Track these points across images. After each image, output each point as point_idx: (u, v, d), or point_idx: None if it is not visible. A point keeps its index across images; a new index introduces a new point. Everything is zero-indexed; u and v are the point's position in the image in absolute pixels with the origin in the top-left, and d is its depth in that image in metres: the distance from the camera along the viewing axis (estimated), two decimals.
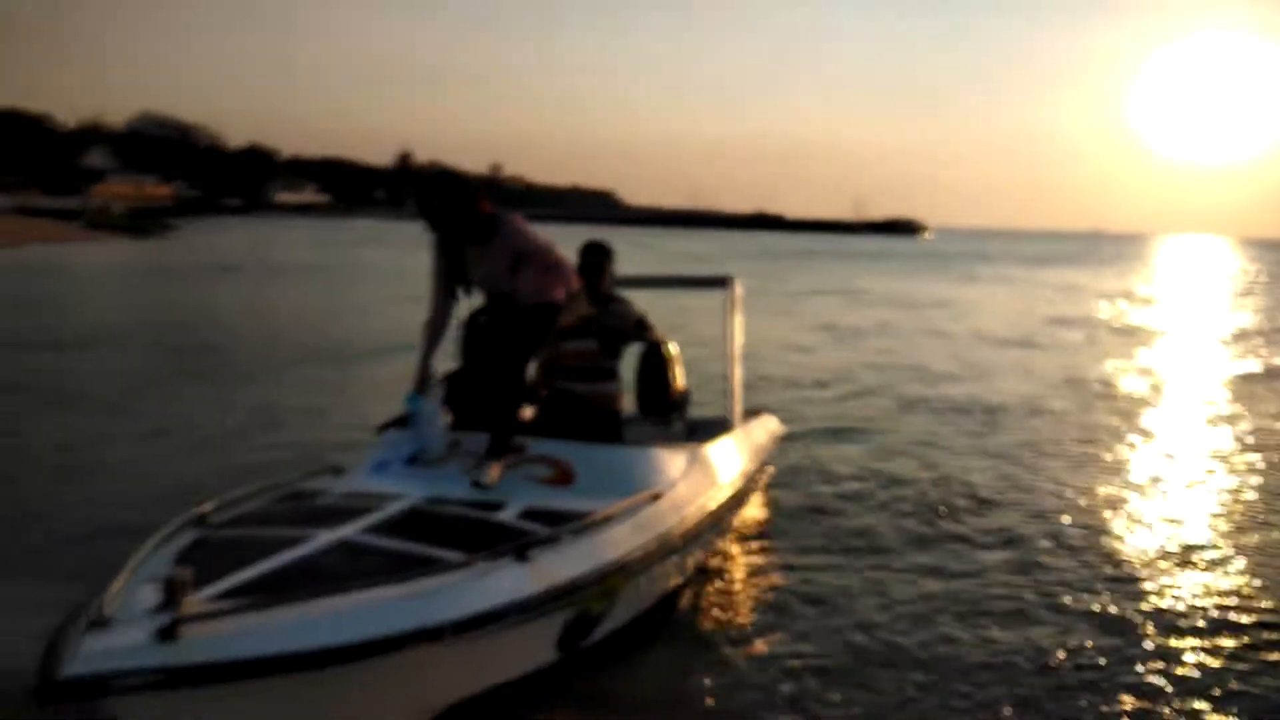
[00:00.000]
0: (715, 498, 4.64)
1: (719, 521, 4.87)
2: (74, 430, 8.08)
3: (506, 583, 3.05)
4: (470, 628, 2.84)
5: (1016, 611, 4.56)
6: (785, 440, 7.20)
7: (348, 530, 3.29)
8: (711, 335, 6.06)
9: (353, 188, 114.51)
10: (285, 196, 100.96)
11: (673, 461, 4.52)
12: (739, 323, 6.12)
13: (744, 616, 4.51)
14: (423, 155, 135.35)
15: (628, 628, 3.99)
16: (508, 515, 3.65)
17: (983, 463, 7.63)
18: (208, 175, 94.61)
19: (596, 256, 5.08)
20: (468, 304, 4.56)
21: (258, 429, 8.33)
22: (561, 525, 3.55)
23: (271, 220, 73.75)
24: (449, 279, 4.49)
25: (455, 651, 2.93)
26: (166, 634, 2.34)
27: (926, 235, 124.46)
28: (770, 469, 6.67)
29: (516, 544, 3.25)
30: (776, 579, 4.99)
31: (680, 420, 5.94)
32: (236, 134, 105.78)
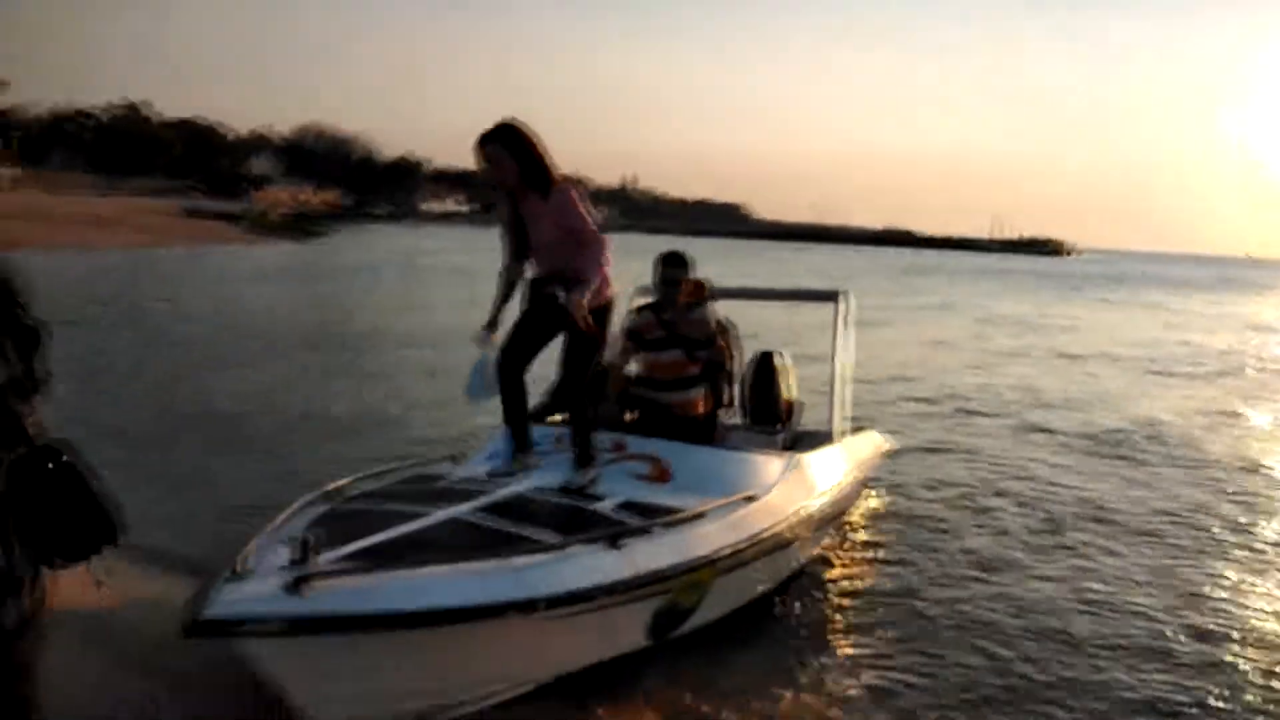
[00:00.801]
0: (811, 505, 4.74)
1: (816, 529, 4.95)
2: (230, 412, 8.93)
3: (598, 566, 3.26)
4: (561, 604, 3.07)
5: (1105, 644, 4.46)
6: (893, 456, 7.18)
7: (458, 510, 3.59)
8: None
9: (497, 199, 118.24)
10: (431, 205, 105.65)
11: (769, 467, 4.64)
12: (849, 337, 6.16)
13: (835, 624, 4.60)
14: (562, 168, 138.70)
15: (720, 623, 4.15)
16: (605, 506, 3.87)
17: (1094, 490, 7.38)
18: (361, 184, 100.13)
19: (674, 268, 5.08)
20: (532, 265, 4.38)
21: (393, 417, 8.96)
22: (655, 519, 3.74)
23: (417, 227, 77.31)
24: (517, 233, 4.33)
25: (549, 626, 3.16)
26: (293, 588, 2.66)
27: (1068, 255, 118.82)
28: (875, 483, 6.69)
29: (610, 532, 3.47)
30: (873, 591, 5.03)
31: (788, 430, 6.05)
32: (390, 146, 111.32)
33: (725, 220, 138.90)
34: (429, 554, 3.06)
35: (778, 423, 6.16)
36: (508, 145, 4.03)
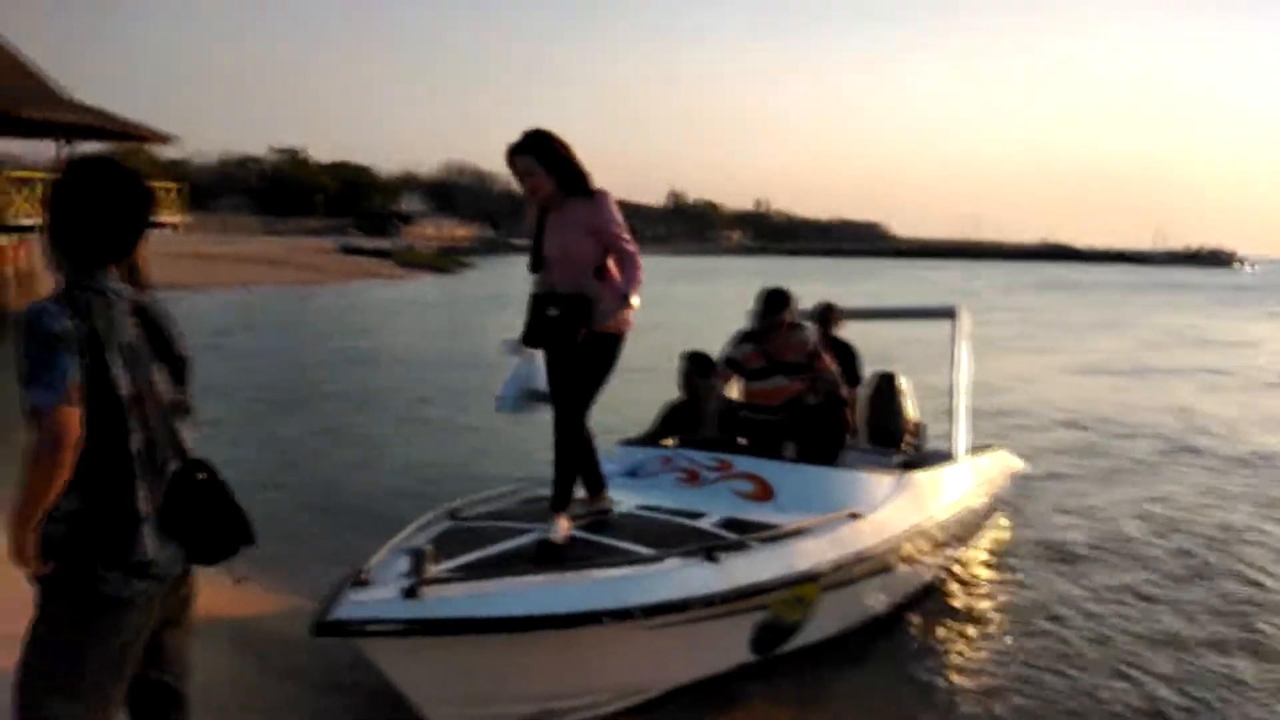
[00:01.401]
0: (926, 524, 4.67)
1: (935, 549, 4.87)
2: (376, 429, 9.69)
3: (694, 578, 3.35)
4: (656, 613, 3.17)
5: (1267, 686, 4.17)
6: (1028, 478, 6.94)
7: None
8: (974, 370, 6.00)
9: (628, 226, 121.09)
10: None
11: (877, 485, 4.61)
12: (966, 353, 6.03)
13: (955, 649, 4.48)
14: (692, 194, 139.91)
15: (831, 643, 4.15)
16: (706, 523, 3.96)
17: (1239, 517, 6.86)
18: (503, 217, 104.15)
19: (775, 311, 5.03)
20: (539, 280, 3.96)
21: (518, 438, 9.33)
22: (754, 534, 3.81)
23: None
24: (539, 243, 3.94)
25: (648, 636, 3.27)
26: (409, 593, 2.88)
27: (1241, 267, 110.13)
28: (1007, 505, 6.48)
29: (706, 545, 3.56)
30: (997, 617, 4.87)
31: (909, 450, 5.98)
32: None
33: (863, 239, 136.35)
34: (533, 566, 3.24)
35: (899, 443, 6.09)
36: (541, 155, 3.70)
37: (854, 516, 4.22)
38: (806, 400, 5.12)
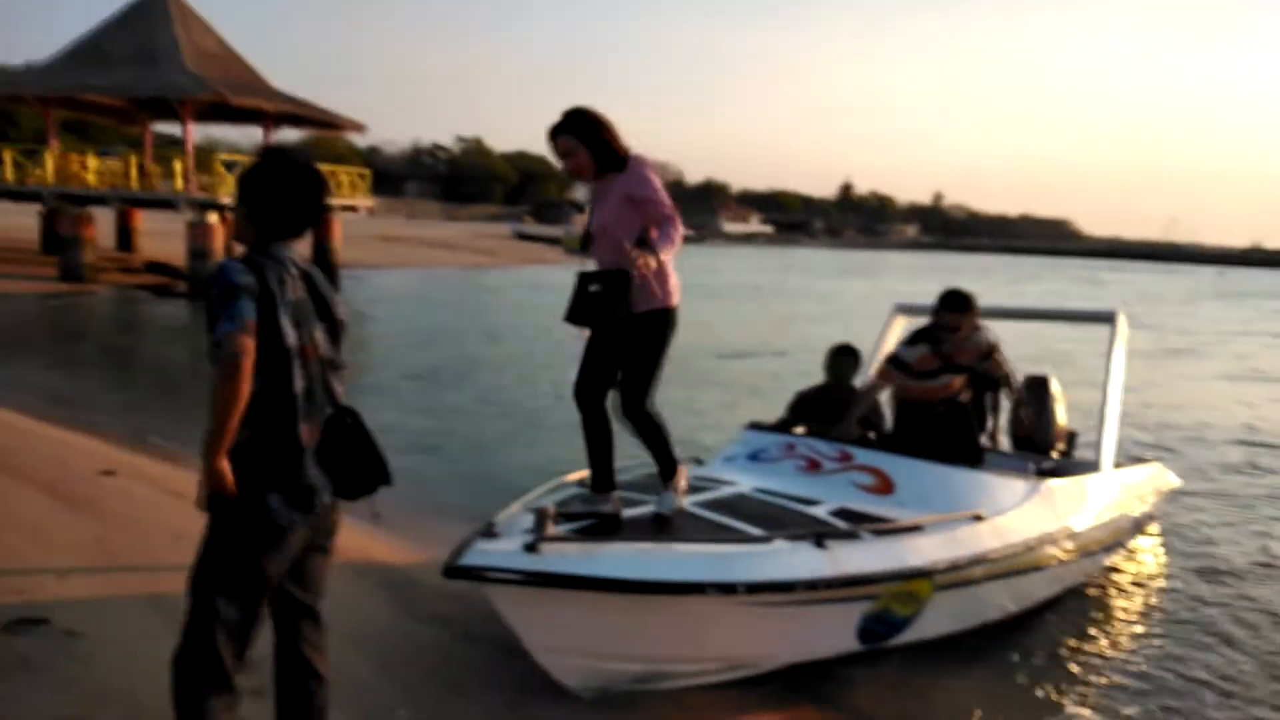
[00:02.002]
0: (1058, 533, 4.55)
1: (1068, 559, 4.74)
2: (530, 402, 10.30)
3: (800, 561, 3.47)
4: (760, 590, 3.32)
5: None
6: (1183, 494, 6.54)
7: (683, 501, 3.96)
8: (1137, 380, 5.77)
9: (794, 218, 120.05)
10: (732, 226, 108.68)
11: (1006, 489, 4.53)
12: (1121, 361, 5.76)
13: (1079, 663, 4.35)
14: (863, 186, 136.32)
15: (945, 641, 4.15)
16: (820, 511, 4.05)
17: None
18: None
19: (955, 313, 4.98)
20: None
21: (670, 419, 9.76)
22: (866, 525, 3.87)
23: (718, 248, 79.91)
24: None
25: (754, 613, 3.42)
26: (529, 548, 3.16)
27: None
28: (1158, 520, 6.15)
29: (815, 530, 3.66)
30: (1130, 635, 4.69)
31: (1056, 457, 5.80)
32: (697, 170, 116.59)
33: (1048, 237, 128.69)
34: (647, 533, 3.46)
35: (1046, 450, 5.92)
36: (579, 133, 3.62)
37: (977, 518, 4.19)
38: (958, 397, 5.11)
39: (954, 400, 5.14)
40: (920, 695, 3.91)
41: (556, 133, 3.64)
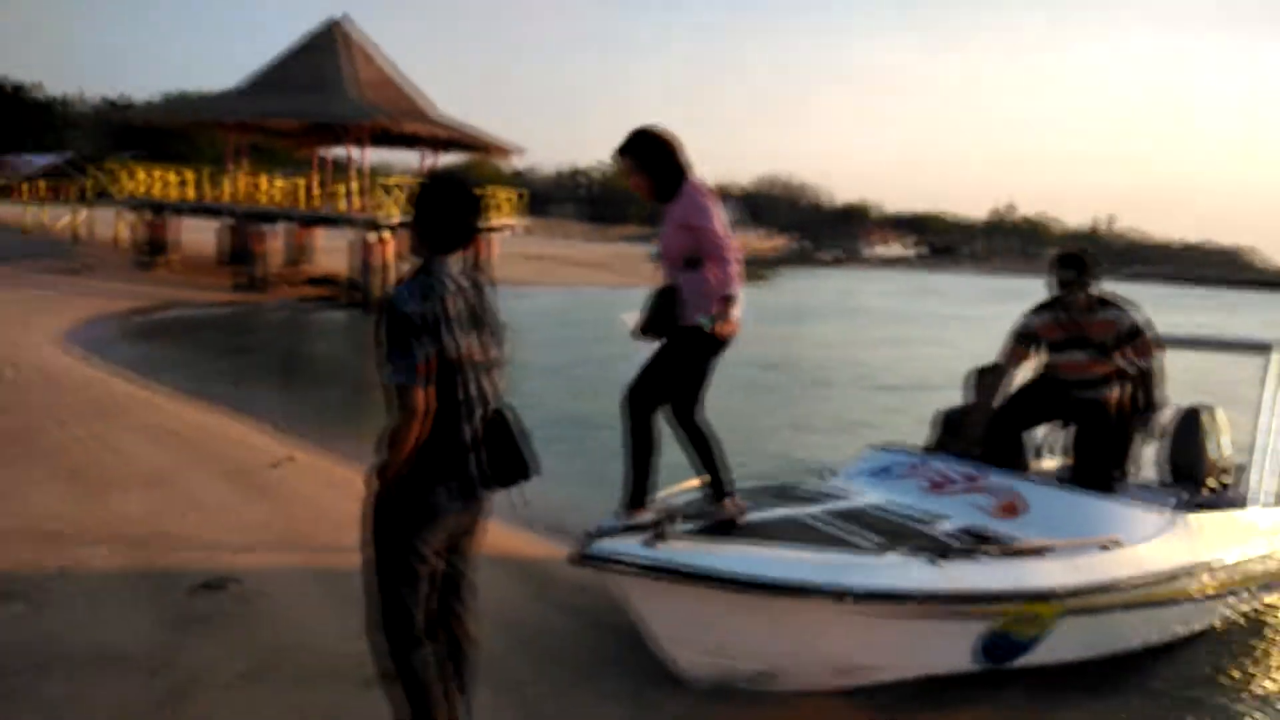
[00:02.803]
0: (1198, 567, 4.39)
1: (1208, 593, 4.55)
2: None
3: (913, 575, 3.53)
4: (870, 599, 3.40)
5: None
6: None
7: (801, 510, 4.08)
8: None
9: (943, 242, 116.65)
10: (877, 250, 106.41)
11: (1143, 519, 4.40)
12: (1275, 394, 5.46)
13: (1213, 700, 4.18)
14: (1023, 208, 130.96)
15: (1072, 668, 4.09)
16: (939, 529, 4.08)
17: None
18: (811, 229, 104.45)
19: (1066, 269, 4.86)
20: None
21: (801, 433, 9.80)
22: (987, 545, 3.87)
23: (861, 271, 78.52)
24: None
25: (865, 623, 3.50)
26: (649, 542, 3.37)
27: None
28: None
29: (932, 546, 3.71)
30: (1267, 686, 4.44)
31: (1210, 492, 5.54)
32: (843, 192, 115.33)
33: (1224, 267, 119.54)
34: (764, 539, 3.60)
35: (1199, 484, 5.67)
36: (638, 155, 3.62)
37: (1107, 546, 4.10)
38: (1106, 394, 4.86)
39: (1097, 390, 4.84)
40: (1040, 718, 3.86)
41: (619, 152, 3.68)
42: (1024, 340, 5.10)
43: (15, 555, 4.49)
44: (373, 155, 33.20)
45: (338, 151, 33.30)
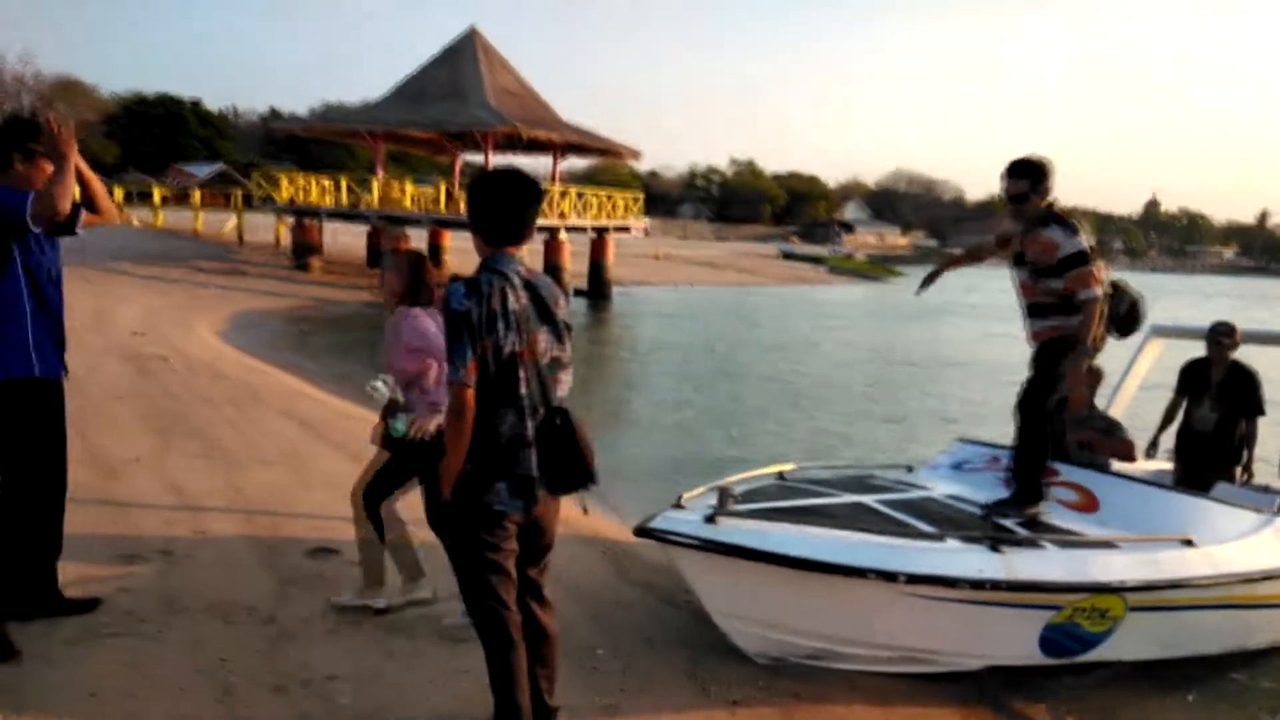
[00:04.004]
0: None
1: None
2: (775, 409, 10.81)
3: (970, 561, 3.59)
4: (922, 582, 3.48)
5: None
6: None
7: (867, 498, 4.19)
8: None
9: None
10: None
11: (1229, 519, 4.28)
12: None
13: None
14: (1172, 203, 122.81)
15: (1145, 666, 4.03)
16: (1010, 520, 4.09)
17: None
18: (946, 225, 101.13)
19: (1020, 178, 4.34)
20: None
21: (928, 426, 9.90)
22: (1052, 535, 3.87)
23: (999, 268, 75.40)
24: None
25: (922, 606, 3.58)
26: (708, 520, 3.57)
27: None
28: None
29: (992, 534, 3.74)
30: None
31: None
32: (978, 188, 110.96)
33: None
34: (821, 521, 3.74)
35: None
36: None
37: (1187, 543, 4.02)
38: (1038, 327, 4.43)
39: (1033, 321, 4.41)
40: (1111, 716, 3.83)
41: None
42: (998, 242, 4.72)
43: (160, 519, 5.09)
44: (506, 160, 34.60)
45: (474, 157, 34.76)
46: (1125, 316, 4.57)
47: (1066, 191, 4.10)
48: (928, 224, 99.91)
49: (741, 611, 3.66)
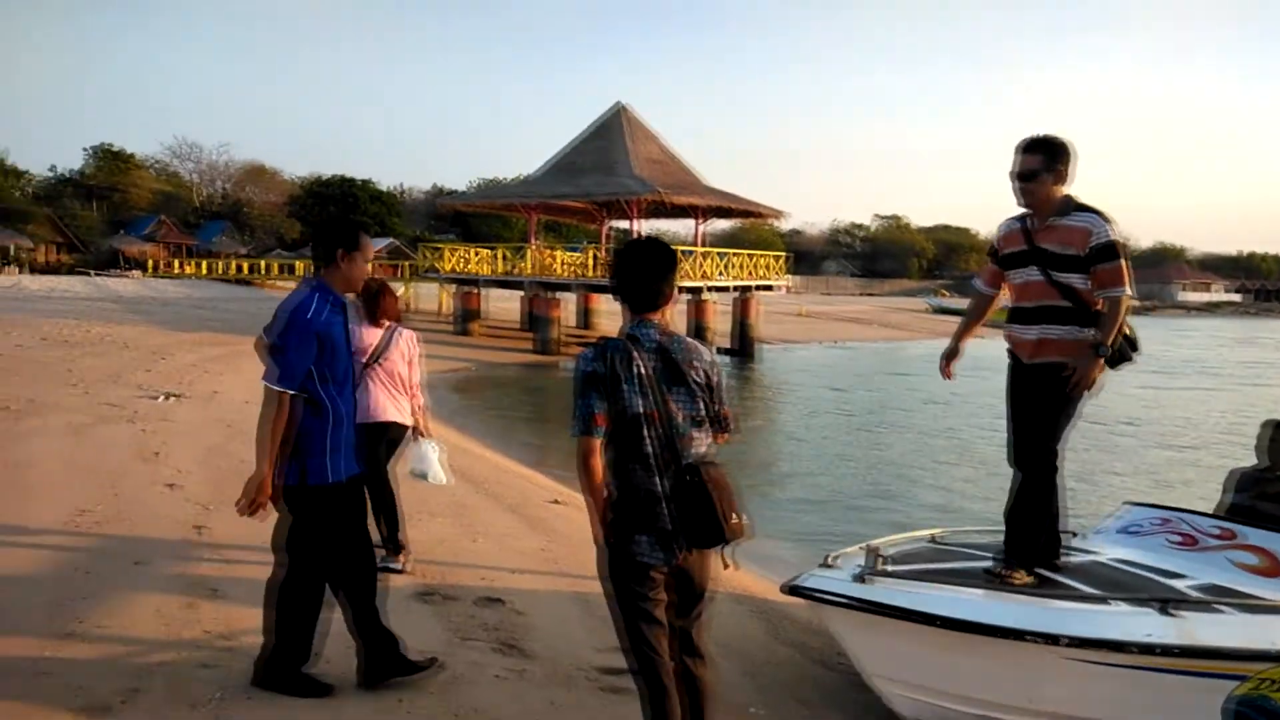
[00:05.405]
0: None
1: None
2: (935, 466, 10.55)
3: (1139, 624, 3.44)
4: (1087, 646, 3.37)
5: None
6: None
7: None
8: None
9: (1270, 285, 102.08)
10: (1191, 295, 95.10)
11: None
12: None
13: None
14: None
15: None
16: (1183, 584, 3.89)
17: None
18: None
19: (1034, 153, 3.87)
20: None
21: (1090, 487, 9.59)
22: (1233, 601, 3.66)
23: (1175, 319, 70.54)
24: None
25: (1088, 671, 3.46)
26: (858, 579, 3.60)
27: None
28: None
29: (1161, 596, 3.58)
30: None
31: None
32: (1147, 235, 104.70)
33: None
34: (977, 584, 3.70)
35: None
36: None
37: None
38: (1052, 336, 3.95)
39: (1041, 326, 3.85)
40: None
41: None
42: (990, 254, 4.25)
43: None
44: (652, 225, 35.61)
45: (622, 224, 35.94)
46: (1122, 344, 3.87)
47: (1237, 239, 3.69)
48: None
49: (896, 674, 3.64)
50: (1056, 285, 3.79)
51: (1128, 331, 3.85)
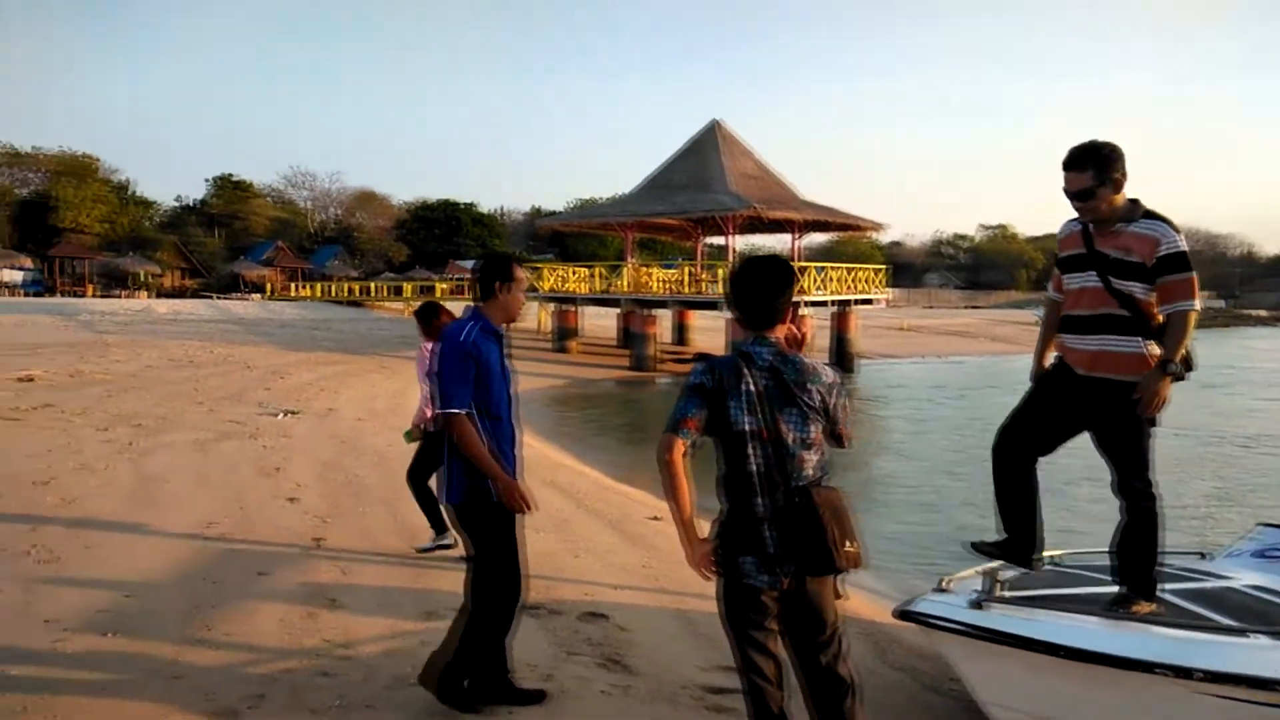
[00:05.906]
0: None
1: None
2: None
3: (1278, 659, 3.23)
4: (1223, 681, 3.17)
5: None
6: None
7: (1160, 588, 3.88)
8: None
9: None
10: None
11: None
12: None
13: None
14: None
15: None
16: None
17: None
18: (1236, 284, 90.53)
19: (1082, 168, 3.58)
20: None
21: (1211, 506, 9.02)
22: None
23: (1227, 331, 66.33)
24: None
25: (1221, 708, 3.26)
26: (974, 605, 3.48)
27: None
28: None
29: None
30: None
31: None
32: (1272, 242, 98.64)
33: None
34: (1100, 609, 3.53)
35: None
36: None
37: None
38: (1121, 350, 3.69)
39: (1102, 337, 3.63)
40: None
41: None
42: (1056, 261, 4.02)
43: (453, 580, 5.68)
44: (747, 240, 35.48)
45: (717, 240, 35.98)
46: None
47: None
48: (1214, 283, 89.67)
49: (1013, 703, 3.50)
50: (1115, 293, 3.57)
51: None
